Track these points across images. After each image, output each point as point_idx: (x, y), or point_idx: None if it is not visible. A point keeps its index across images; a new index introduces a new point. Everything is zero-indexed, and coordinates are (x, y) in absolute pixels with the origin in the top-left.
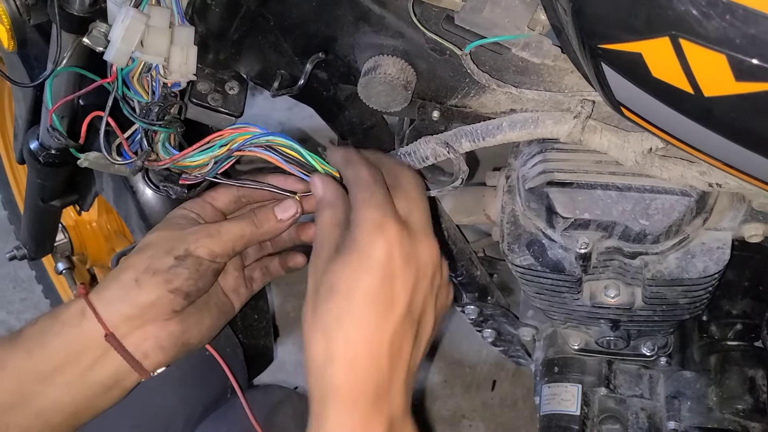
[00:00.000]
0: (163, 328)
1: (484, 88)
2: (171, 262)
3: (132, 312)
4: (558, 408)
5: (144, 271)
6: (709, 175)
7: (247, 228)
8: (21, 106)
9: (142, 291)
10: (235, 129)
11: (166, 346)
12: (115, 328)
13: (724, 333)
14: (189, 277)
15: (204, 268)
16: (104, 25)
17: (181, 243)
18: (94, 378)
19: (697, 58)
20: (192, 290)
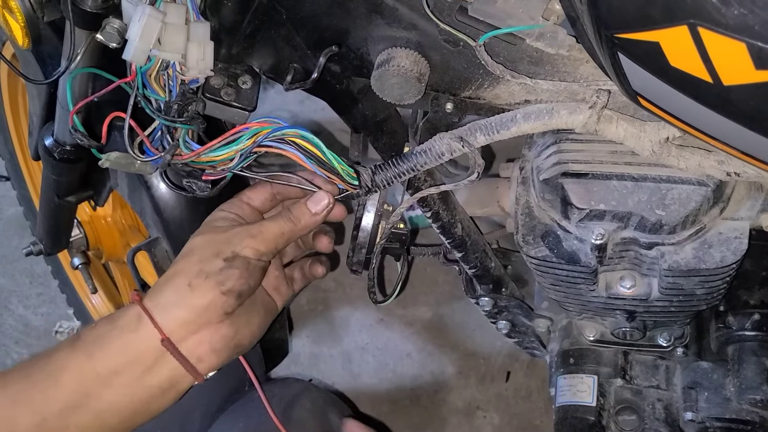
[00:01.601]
0: (216, 331)
1: (498, 79)
2: (221, 264)
3: (187, 316)
4: (574, 399)
5: (196, 275)
6: (727, 164)
7: (287, 225)
8: (35, 103)
9: (196, 294)
10: (259, 123)
11: (219, 349)
12: (171, 333)
13: (741, 323)
14: (240, 277)
15: (252, 267)
16: (117, 21)
17: (227, 245)
18: (151, 382)
19: (716, 47)
20: (244, 290)
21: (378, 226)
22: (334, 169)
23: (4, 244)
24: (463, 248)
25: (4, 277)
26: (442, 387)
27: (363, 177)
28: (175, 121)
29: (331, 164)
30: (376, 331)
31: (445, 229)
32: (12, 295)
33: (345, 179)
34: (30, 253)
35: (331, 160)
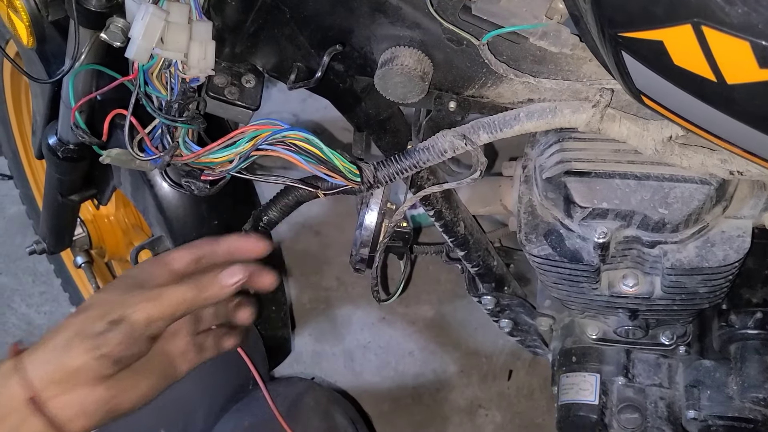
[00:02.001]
0: (90, 394)
1: (502, 78)
2: (102, 327)
3: (58, 376)
4: (576, 397)
5: (75, 335)
6: (730, 162)
7: (190, 292)
8: (39, 102)
9: (70, 355)
10: (258, 125)
11: (90, 412)
12: (39, 390)
13: (744, 322)
14: (120, 343)
15: (138, 333)
16: (121, 20)
17: (119, 307)
18: None
19: (719, 46)
20: (123, 356)
21: (381, 224)
22: (336, 167)
23: (7, 243)
24: (466, 247)
25: (7, 276)
26: (444, 385)
27: (365, 173)
28: (176, 120)
29: (332, 162)
30: (378, 329)
31: (448, 228)
32: (15, 293)
33: (347, 176)
34: (33, 251)
35: (332, 158)
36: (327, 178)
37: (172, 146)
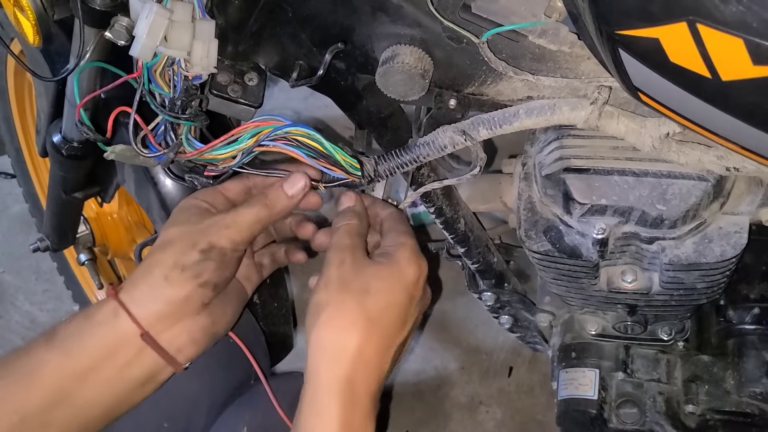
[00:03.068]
0: (195, 322)
1: (501, 75)
2: (197, 257)
3: (165, 310)
4: (576, 393)
5: (172, 268)
6: (726, 159)
7: (262, 211)
8: (43, 100)
9: (173, 288)
10: (259, 122)
11: (198, 339)
12: (149, 326)
13: (741, 317)
14: (217, 269)
15: (228, 258)
16: (126, 19)
17: (203, 236)
18: (131, 375)
19: (714, 43)
20: (220, 281)
21: None
22: (336, 161)
23: (11, 241)
24: (466, 243)
25: (11, 274)
26: (444, 382)
27: (366, 167)
28: (179, 118)
29: (334, 157)
30: None
31: (448, 225)
32: (18, 291)
33: (347, 170)
34: (37, 249)
35: (332, 152)
36: (328, 171)
37: (176, 143)
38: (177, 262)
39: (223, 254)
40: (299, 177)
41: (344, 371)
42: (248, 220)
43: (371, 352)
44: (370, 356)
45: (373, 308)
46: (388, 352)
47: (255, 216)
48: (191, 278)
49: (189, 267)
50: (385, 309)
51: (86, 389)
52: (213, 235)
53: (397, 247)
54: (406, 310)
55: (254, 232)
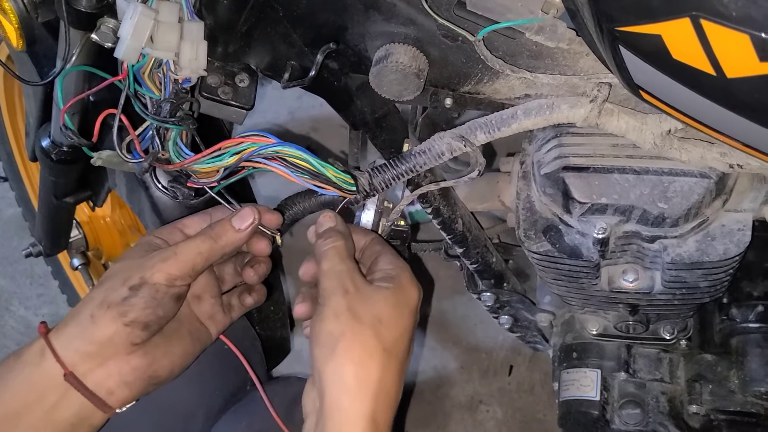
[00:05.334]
0: (126, 363)
1: (498, 73)
2: (125, 293)
3: (90, 349)
4: (577, 393)
5: (99, 306)
6: (729, 156)
7: (204, 244)
8: (31, 104)
9: (98, 327)
10: (246, 138)
11: (130, 381)
12: (74, 366)
13: (745, 315)
14: (145, 307)
15: (161, 294)
16: (112, 21)
17: (137, 271)
18: (59, 417)
19: (719, 39)
20: (151, 320)
21: (378, 223)
22: (328, 179)
23: (4, 246)
24: (464, 244)
25: (5, 279)
26: (444, 382)
27: (360, 181)
28: (166, 121)
29: (325, 175)
30: None
31: (446, 225)
32: (13, 296)
33: (341, 186)
34: (30, 254)
35: (323, 170)
36: (321, 191)
37: (153, 152)
38: (104, 299)
39: (156, 290)
40: (249, 212)
41: (368, 406)
42: (188, 252)
43: (390, 383)
44: (390, 387)
45: (389, 338)
46: (401, 380)
47: (196, 249)
48: (116, 316)
49: (115, 305)
50: (399, 337)
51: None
52: (147, 270)
53: (398, 270)
54: (413, 334)
55: (196, 266)
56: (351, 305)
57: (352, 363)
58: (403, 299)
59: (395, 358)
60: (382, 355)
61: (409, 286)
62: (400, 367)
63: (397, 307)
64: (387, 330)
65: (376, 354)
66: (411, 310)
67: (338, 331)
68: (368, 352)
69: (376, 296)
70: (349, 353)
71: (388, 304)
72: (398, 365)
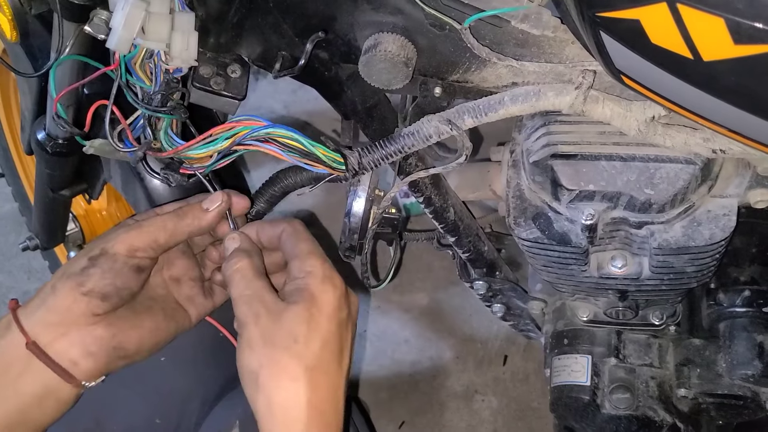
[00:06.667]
0: (88, 333)
1: (485, 62)
2: (84, 264)
3: (52, 319)
4: (568, 379)
5: (60, 277)
6: (712, 141)
7: (170, 220)
8: (27, 97)
9: (57, 296)
10: (237, 122)
11: (94, 352)
12: (36, 336)
13: (732, 300)
14: (102, 277)
15: (120, 265)
16: (105, 13)
17: (99, 243)
18: (24, 389)
19: (695, 23)
20: (109, 290)
21: (369, 211)
22: (318, 158)
23: (1, 241)
24: (456, 233)
25: (2, 274)
26: (440, 372)
27: (350, 160)
28: (157, 111)
29: (315, 154)
30: (374, 318)
31: (438, 214)
32: (10, 291)
33: (331, 165)
34: (26, 248)
35: (313, 149)
36: (312, 169)
37: (146, 142)
38: (65, 270)
39: (114, 260)
40: (218, 195)
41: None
42: (153, 225)
43: (322, 400)
44: (322, 404)
45: (308, 355)
46: (338, 391)
47: (161, 222)
48: (74, 286)
49: (74, 275)
50: (320, 350)
51: None
52: (109, 242)
53: (306, 277)
54: (339, 337)
55: (158, 240)
56: (264, 332)
57: (276, 393)
58: (316, 309)
59: (322, 372)
60: (305, 374)
61: (321, 293)
62: (331, 380)
63: (311, 320)
64: (305, 347)
65: (298, 375)
66: (329, 317)
67: (256, 364)
68: (290, 377)
69: (288, 315)
70: (270, 384)
71: (300, 320)
72: (327, 378)
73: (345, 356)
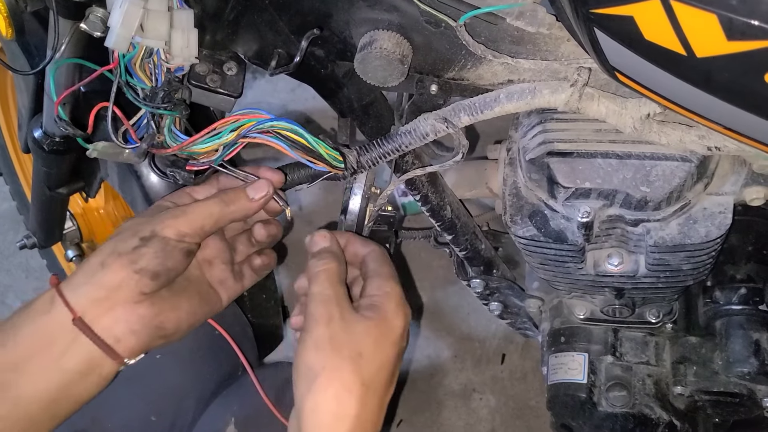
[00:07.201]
0: (133, 311)
1: (481, 59)
2: (136, 243)
3: (99, 294)
4: (565, 377)
5: (109, 254)
6: (707, 138)
7: (216, 206)
8: (23, 95)
9: (107, 273)
10: (242, 115)
11: (137, 330)
12: (83, 312)
13: (728, 298)
14: (154, 257)
15: (170, 248)
16: (101, 10)
17: (148, 225)
18: (68, 365)
19: (688, 19)
20: (159, 270)
21: (365, 209)
22: (320, 154)
23: None
24: (453, 231)
25: (1, 272)
26: (438, 370)
27: (348, 158)
28: (159, 108)
29: (317, 150)
30: None
31: (435, 212)
32: (8, 290)
33: (331, 163)
34: (24, 246)
35: (316, 146)
36: (312, 165)
37: (149, 134)
38: (115, 248)
39: (165, 243)
40: (263, 184)
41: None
42: (199, 212)
43: (368, 418)
44: (367, 422)
45: (368, 372)
46: (382, 411)
47: (207, 209)
48: (127, 264)
49: (125, 253)
50: (378, 370)
51: (22, 381)
52: (158, 225)
53: (384, 297)
54: (395, 364)
55: (205, 226)
56: (333, 336)
57: (329, 400)
58: (386, 330)
59: (374, 391)
60: (360, 390)
61: (394, 316)
62: (379, 400)
63: (379, 340)
64: (367, 364)
65: (354, 389)
66: (393, 342)
67: (318, 366)
68: (346, 388)
69: (359, 327)
70: (327, 390)
71: (369, 337)
72: (377, 398)
73: (393, 383)
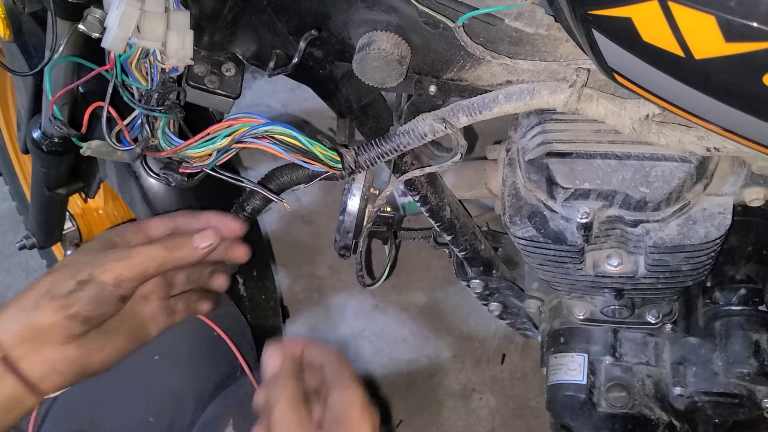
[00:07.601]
0: (60, 353)
1: (479, 60)
2: (71, 286)
3: (28, 334)
4: (565, 377)
5: (44, 295)
6: (706, 139)
7: (160, 252)
8: (22, 96)
9: (40, 315)
10: (236, 120)
11: (62, 370)
12: (11, 348)
13: (728, 298)
14: (88, 302)
15: (107, 293)
16: (99, 11)
17: (87, 267)
18: None
19: (686, 21)
20: (91, 315)
21: (364, 210)
22: (316, 156)
23: None
24: (453, 231)
25: (0, 272)
26: (437, 371)
27: (346, 158)
28: (153, 110)
29: (313, 152)
30: (372, 317)
31: (434, 213)
32: (8, 290)
33: (328, 163)
34: (23, 246)
35: (311, 147)
36: (309, 166)
37: (144, 138)
38: (50, 289)
39: (101, 288)
40: (210, 234)
41: None
42: (142, 257)
43: None
44: None
45: None
46: None
47: (151, 254)
48: (58, 308)
49: (59, 297)
50: None
51: None
52: (98, 267)
53: (346, 407)
54: None
55: (147, 271)
56: None
57: None
58: None
59: None
60: None
61: (359, 426)
62: None
63: None
64: None
65: None
66: None
67: None
68: None
69: None
70: None
71: None
72: None
73: None
